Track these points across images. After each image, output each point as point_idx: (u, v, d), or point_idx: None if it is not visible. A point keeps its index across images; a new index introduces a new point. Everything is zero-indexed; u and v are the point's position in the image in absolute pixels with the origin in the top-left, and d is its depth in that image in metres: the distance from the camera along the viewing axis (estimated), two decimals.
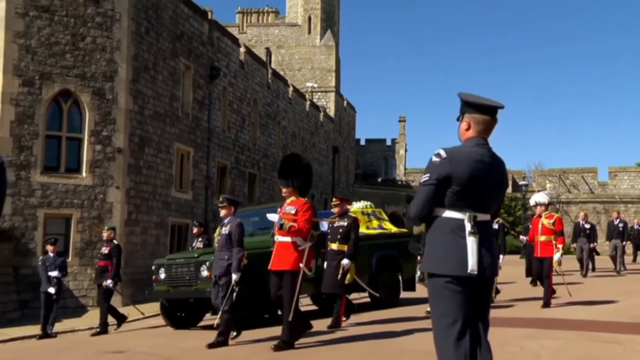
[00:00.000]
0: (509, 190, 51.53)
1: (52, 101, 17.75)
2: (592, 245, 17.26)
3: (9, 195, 16.72)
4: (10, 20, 16.97)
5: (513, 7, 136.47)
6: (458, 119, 3.40)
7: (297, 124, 34.37)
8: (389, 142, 58.25)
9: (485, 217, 3.25)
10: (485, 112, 3.28)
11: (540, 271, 10.17)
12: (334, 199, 9.53)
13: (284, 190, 7.18)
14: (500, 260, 10.34)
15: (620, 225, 18.35)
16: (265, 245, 9.07)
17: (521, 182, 48.46)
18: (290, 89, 33.59)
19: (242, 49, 27.47)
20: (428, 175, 3.20)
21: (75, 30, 17.85)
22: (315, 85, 43.74)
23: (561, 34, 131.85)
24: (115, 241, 12.32)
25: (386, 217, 12.96)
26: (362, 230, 11.27)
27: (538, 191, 46.21)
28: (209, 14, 24.32)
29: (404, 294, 11.80)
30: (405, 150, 58.08)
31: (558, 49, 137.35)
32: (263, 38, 50.43)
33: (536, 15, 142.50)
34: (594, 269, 17.61)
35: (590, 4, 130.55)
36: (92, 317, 14.50)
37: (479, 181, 3.16)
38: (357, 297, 11.71)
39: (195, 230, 12.97)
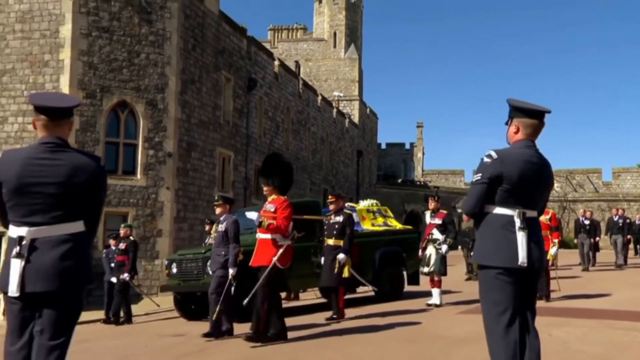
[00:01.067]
0: None
1: (110, 111, 18.07)
2: (592, 240, 16.60)
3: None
4: (75, 40, 17.40)
5: (516, 19, 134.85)
6: (506, 123, 3.39)
7: (325, 130, 34.43)
8: (407, 146, 58.05)
9: (533, 213, 3.27)
10: (534, 116, 3.29)
11: None
12: (329, 197, 9.11)
13: (265, 188, 6.87)
14: None
15: (620, 221, 17.62)
16: None
17: None
18: (319, 98, 33.65)
19: (276, 62, 27.62)
20: (480, 174, 3.21)
21: (131, 48, 18.19)
22: (341, 95, 43.85)
23: (566, 43, 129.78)
24: (131, 237, 12.14)
25: (391, 215, 12.51)
26: (368, 227, 11.18)
27: None
28: (247, 31, 24.59)
29: (408, 288, 11.34)
30: (423, 154, 57.80)
31: (563, 58, 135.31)
32: (292, 52, 50.67)
33: (541, 27, 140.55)
34: (594, 264, 16.88)
35: (592, 14, 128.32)
36: (147, 304, 14.66)
37: (528, 180, 3.18)
38: (364, 291, 11.33)
39: (207, 227, 12.82)
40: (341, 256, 8.12)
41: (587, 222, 16.90)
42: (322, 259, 8.67)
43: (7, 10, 17.85)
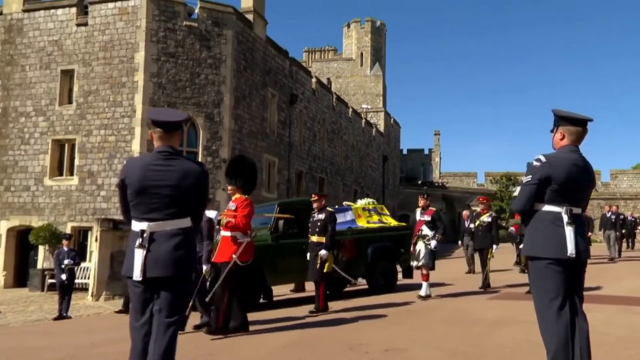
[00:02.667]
0: None
1: None
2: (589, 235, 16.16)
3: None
4: (147, 65, 17.73)
5: (519, 36, 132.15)
6: (552, 131, 3.36)
7: (355, 138, 34.31)
8: (426, 152, 57.50)
9: (578, 210, 3.24)
10: (578, 124, 3.25)
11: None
12: (313, 195, 8.41)
13: (229, 188, 6.36)
14: (494, 250, 9.69)
15: (613, 217, 16.57)
16: (262, 239, 8.62)
17: None
18: (350, 110, 33.54)
19: (313, 80, 27.62)
20: (530, 176, 3.19)
21: (193, 70, 18.43)
22: (369, 107, 43.69)
23: (570, 56, 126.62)
24: None
25: (387, 213, 11.67)
26: (363, 224, 10.52)
27: None
28: (288, 53, 24.73)
29: (404, 281, 10.74)
30: (440, 158, 57.15)
31: (566, 71, 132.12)
32: (325, 70, 50.74)
33: (544, 42, 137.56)
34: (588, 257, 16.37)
35: (594, 14, 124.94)
36: None
37: (574, 181, 3.16)
38: (361, 284, 10.77)
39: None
40: (322, 252, 7.53)
41: (613, 217, 16.19)
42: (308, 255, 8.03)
43: (93, 41, 18.29)
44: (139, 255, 3.08)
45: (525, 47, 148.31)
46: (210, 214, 6.53)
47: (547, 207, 3.18)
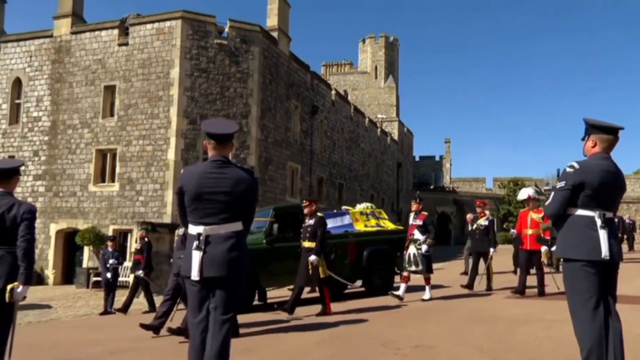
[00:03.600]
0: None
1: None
2: None
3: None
4: (182, 80, 17.84)
5: (522, 47, 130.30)
6: (583, 139, 3.29)
7: (371, 146, 34.18)
8: (437, 158, 57.05)
9: (610, 214, 3.17)
10: (609, 132, 3.19)
11: (525, 262, 8.26)
12: (304, 201, 7.95)
13: None
14: (491, 252, 9.22)
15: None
16: (257, 242, 8.42)
17: (545, 188, 46.21)
18: (366, 120, 33.42)
19: (332, 92, 27.57)
20: (564, 182, 3.13)
21: (223, 84, 18.50)
22: (384, 117, 43.54)
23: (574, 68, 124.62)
24: (146, 239, 11.16)
25: (386, 217, 11.10)
26: (360, 228, 10.11)
27: (548, 194, 43.86)
28: (310, 67, 24.78)
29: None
30: (450, 164, 56.62)
31: (565, 81, 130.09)
32: (341, 83, 50.77)
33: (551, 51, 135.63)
34: None
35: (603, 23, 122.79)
36: None
37: (606, 186, 3.10)
38: (355, 286, 10.31)
39: None
40: (312, 258, 7.08)
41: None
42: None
43: (132, 59, 18.47)
44: (196, 256, 3.08)
45: (529, 58, 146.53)
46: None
47: (581, 212, 3.12)
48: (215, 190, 3.13)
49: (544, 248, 7.92)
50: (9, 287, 3.55)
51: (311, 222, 7.37)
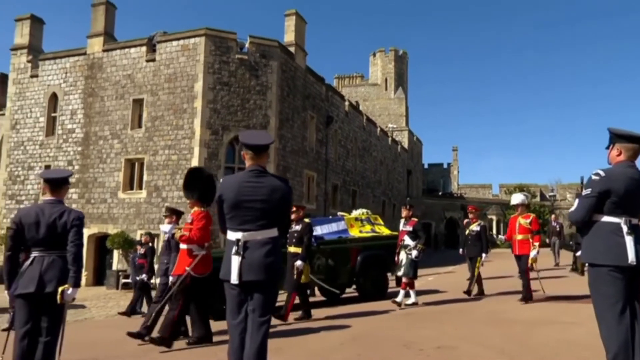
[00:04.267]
0: (538, 199, 48.50)
1: (229, 144, 18.32)
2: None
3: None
4: (205, 93, 17.96)
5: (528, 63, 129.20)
6: (607, 148, 3.24)
7: (383, 154, 34.09)
8: (445, 166, 56.61)
9: (635, 220, 3.10)
10: (634, 141, 3.14)
11: (521, 266, 7.82)
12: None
13: (188, 202, 5.71)
14: (484, 258, 8.90)
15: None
16: None
17: (550, 194, 45.61)
18: (378, 129, 33.33)
19: (346, 103, 27.57)
20: (590, 189, 3.07)
21: (243, 96, 18.56)
22: (394, 126, 43.48)
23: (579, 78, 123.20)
24: (150, 244, 11.04)
25: (381, 222, 10.63)
26: (355, 234, 9.70)
27: (553, 200, 43.27)
28: (325, 80, 24.84)
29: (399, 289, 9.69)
30: (458, 171, 56.13)
31: (568, 91, 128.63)
32: (353, 94, 50.77)
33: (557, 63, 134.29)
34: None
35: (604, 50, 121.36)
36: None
37: (632, 194, 3.04)
38: (349, 291, 9.98)
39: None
40: (298, 263, 6.83)
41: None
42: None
43: (159, 74, 18.66)
44: (235, 261, 3.07)
45: (533, 69, 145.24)
46: (165, 228, 5.96)
47: (607, 218, 3.07)
48: (253, 198, 3.12)
49: (532, 254, 7.51)
50: (60, 289, 3.60)
51: (298, 227, 7.11)
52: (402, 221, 8.12)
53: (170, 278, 5.69)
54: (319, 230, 8.89)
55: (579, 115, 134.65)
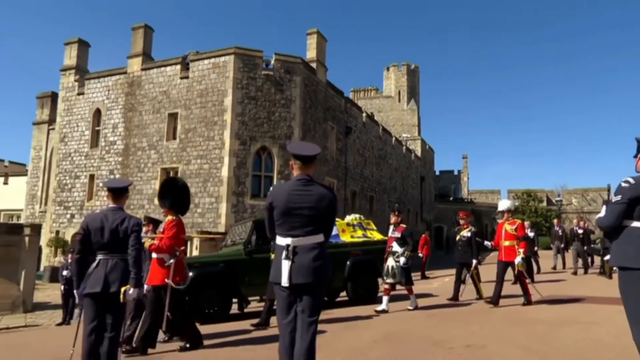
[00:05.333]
0: (545, 203, 47.45)
1: (255, 154, 18.46)
2: (585, 247, 12.88)
3: (234, 209, 17.87)
4: (234, 107, 18.16)
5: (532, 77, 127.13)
6: (635, 156, 3.19)
7: (398, 162, 33.86)
8: (456, 172, 55.96)
9: None
10: None
11: (501, 273, 7.31)
12: None
13: (162, 211, 5.42)
14: (474, 263, 8.34)
15: (580, 231, 13.66)
16: (237, 254, 7.91)
17: (557, 199, 44.74)
18: (393, 139, 33.17)
19: (364, 115, 27.52)
20: (620, 196, 3.01)
21: (269, 109, 18.71)
22: (408, 136, 43.19)
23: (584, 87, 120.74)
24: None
25: (374, 227, 10.13)
26: (347, 239, 9.26)
27: (560, 204, 42.33)
28: (344, 93, 24.88)
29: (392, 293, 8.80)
30: (468, 178, 55.39)
31: (572, 101, 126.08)
32: (368, 106, 50.59)
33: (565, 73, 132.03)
34: (586, 270, 12.98)
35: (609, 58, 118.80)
36: None
37: None
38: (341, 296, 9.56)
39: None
40: None
41: (580, 231, 13.24)
42: None
43: (192, 90, 18.96)
44: (285, 265, 3.05)
45: (539, 81, 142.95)
46: None
47: (637, 224, 2.98)
48: (301, 206, 3.09)
49: (517, 260, 7.08)
50: (122, 289, 3.67)
51: None
52: (391, 227, 7.58)
53: (145, 287, 5.19)
54: None
55: (583, 124, 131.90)
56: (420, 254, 15.56)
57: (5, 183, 29.20)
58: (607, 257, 9.97)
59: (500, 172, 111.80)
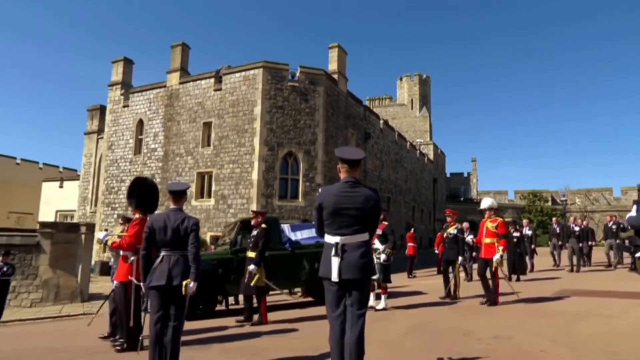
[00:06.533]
0: (550, 203, 46.11)
1: (282, 158, 18.42)
2: (581, 245, 12.15)
3: (263, 209, 17.96)
4: (263, 115, 18.21)
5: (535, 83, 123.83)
6: None
7: (412, 165, 33.53)
8: (465, 175, 55.02)
9: None
10: None
11: (483, 270, 6.97)
12: (251, 212, 6.93)
13: (131, 209, 5.22)
14: (460, 261, 7.94)
15: (614, 227, 13.04)
16: (223, 253, 7.68)
17: (561, 199, 43.56)
18: (408, 144, 32.89)
19: (381, 121, 27.33)
20: None
21: (294, 117, 18.70)
22: (422, 141, 42.76)
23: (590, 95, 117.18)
24: None
25: None
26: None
27: (564, 204, 41.05)
28: (362, 102, 24.77)
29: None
30: (477, 179, 54.38)
31: (575, 107, 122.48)
32: (383, 114, 49.96)
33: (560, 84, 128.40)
34: (583, 265, 12.31)
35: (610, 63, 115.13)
36: None
37: None
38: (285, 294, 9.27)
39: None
40: (250, 267, 6.22)
41: (577, 228, 12.40)
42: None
43: (225, 100, 19.07)
44: (335, 262, 3.03)
45: (543, 88, 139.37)
46: (100, 234, 5.40)
47: None
48: (349, 206, 3.08)
49: (495, 257, 6.71)
50: (184, 282, 3.74)
51: (254, 232, 6.46)
52: None
53: (115, 283, 5.11)
54: (298, 235, 8.23)
55: (585, 128, 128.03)
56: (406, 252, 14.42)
57: (61, 187, 30.15)
58: (639, 254, 9.56)
59: (507, 174, 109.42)
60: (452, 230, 8.09)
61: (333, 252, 3.06)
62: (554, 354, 4.17)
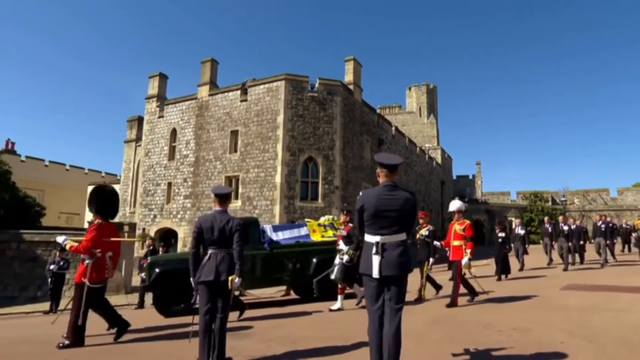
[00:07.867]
0: (550, 203, 44.95)
1: (303, 163, 18.50)
2: (570, 244, 11.48)
3: (285, 210, 18.04)
4: (285, 123, 18.35)
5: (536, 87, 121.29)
6: None
7: (421, 169, 33.22)
8: (470, 177, 54.26)
9: None
10: None
11: (455, 271, 6.61)
12: None
13: (93, 215, 5.08)
14: (430, 263, 7.39)
15: (603, 226, 12.51)
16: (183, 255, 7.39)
17: (561, 199, 42.56)
18: (417, 148, 32.66)
19: (393, 128, 27.20)
20: None
21: (314, 125, 18.76)
22: (430, 146, 42.38)
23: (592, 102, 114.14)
24: (152, 247, 10.52)
25: None
26: (317, 238, 8.42)
27: (564, 204, 39.98)
28: (376, 110, 24.69)
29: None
30: (481, 181, 53.53)
31: (578, 112, 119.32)
32: (393, 121, 49.61)
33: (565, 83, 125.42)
34: (571, 264, 11.60)
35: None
36: None
37: None
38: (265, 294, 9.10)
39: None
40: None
41: (565, 227, 11.78)
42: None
43: (250, 110, 19.23)
44: (375, 260, 3.02)
45: (545, 93, 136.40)
46: (59, 239, 5.19)
47: None
48: (389, 208, 3.06)
49: (464, 260, 6.33)
50: (230, 278, 3.80)
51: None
52: (341, 227, 7.03)
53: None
54: (280, 236, 8.03)
55: (584, 132, 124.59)
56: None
57: None
58: None
59: (510, 176, 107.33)
60: (424, 232, 7.74)
61: (374, 250, 3.05)
62: (573, 344, 4.09)
